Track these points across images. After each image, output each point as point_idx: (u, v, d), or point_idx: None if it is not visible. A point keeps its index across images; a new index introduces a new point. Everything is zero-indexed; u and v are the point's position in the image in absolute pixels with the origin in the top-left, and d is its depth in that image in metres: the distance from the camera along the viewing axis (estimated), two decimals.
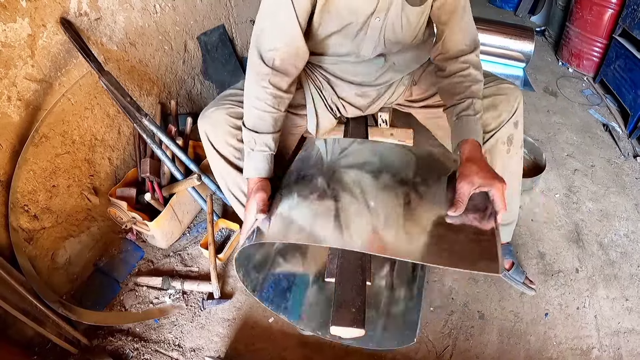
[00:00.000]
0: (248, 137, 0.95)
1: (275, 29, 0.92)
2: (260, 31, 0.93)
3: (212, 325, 1.25)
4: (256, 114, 0.94)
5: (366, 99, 1.19)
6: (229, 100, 1.04)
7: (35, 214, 1.18)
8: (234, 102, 1.03)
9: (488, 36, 2.46)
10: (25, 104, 1.12)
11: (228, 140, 1.01)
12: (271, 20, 0.92)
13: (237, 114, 1.01)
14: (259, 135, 0.94)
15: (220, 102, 1.04)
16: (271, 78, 0.92)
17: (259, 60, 0.93)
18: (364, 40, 1.00)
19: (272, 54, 0.92)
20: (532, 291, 1.35)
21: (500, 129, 1.05)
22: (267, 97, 0.93)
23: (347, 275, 0.74)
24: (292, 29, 0.91)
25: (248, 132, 0.95)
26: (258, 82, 0.93)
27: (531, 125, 2.14)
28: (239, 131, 1.00)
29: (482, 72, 1.01)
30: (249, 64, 0.96)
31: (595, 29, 2.42)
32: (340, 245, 0.70)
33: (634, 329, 1.28)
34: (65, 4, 1.17)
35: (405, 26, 0.98)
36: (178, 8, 1.59)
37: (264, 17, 0.93)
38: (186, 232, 1.52)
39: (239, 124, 1.00)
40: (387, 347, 1.01)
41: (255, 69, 0.94)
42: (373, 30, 0.98)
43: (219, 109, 1.02)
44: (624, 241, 1.56)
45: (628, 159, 1.95)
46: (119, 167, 1.47)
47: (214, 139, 1.02)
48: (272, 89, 0.93)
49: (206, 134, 1.02)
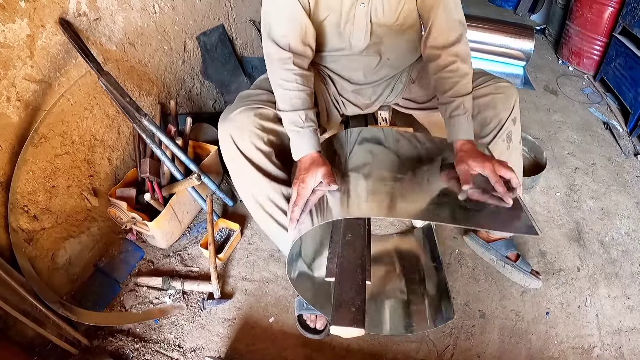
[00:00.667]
0: (292, 117, 0.94)
1: (282, 17, 0.96)
2: (268, 22, 0.97)
3: (213, 325, 1.25)
4: (292, 95, 0.95)
5: (364, 97, 1.20)
6: (252, 100, 1.00)
7: (35, 214, 1.18)
8: (258, 102, 0.99)
9: (488, 35, 2.46)
10: (24, 105, 1.12)
11: (256, 143, 0.96)
12: (276, 10, 0.96)
13: (264, 115, 0.98)
14: (303, 111, 0.94)
15: (244, 103, 0.99)
16: (294, 59, 0.96)
17: (276, 48, 0.96)
18: (353, 30, 1.03)
19: (286, 40, 0.96)
20: (539, 282, 1.35)
21: (501, 127, 1.08)
22: (295, 78, 0.95)
23: (346, 275, 0.74)
24: (296, 12, 0.96)
25: (290, 113, 0.94)
26: (282, 67, 0.96)
27: (531, 124, 2.13)
28: (265, 133, 0.97)
29: (470, 61, 1.01)
30: (267, 55, 0.99)
31: (595, 27, 2.41)
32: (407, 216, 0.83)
33: (635, 328, 1.28)
34: (64, 5, 1.17)
35: (386, 7, 1.00)
36: (177, 8, 1.59)
37: (269, 8, 0.97)
38: (186, 232, 1.52)
39: (267, 125, 0.98)
40: (429, 329, 1.13)
41: (275, 56, 0.97)
42: (359, 18, 1.01)
43: (246, 110, 0.96)
44: (625, 239, 1.55)
45: (629, 157, 1.94)
46: (118, 167, 1.47)
47: (241, 143, 0.95)
48: (298, 69, 0.96)
49: (232, 137, 0.95)
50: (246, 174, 0.98)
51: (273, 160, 1.00)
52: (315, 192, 0.89)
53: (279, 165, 1.02)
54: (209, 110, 1.89)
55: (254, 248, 1.48)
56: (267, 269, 1.41)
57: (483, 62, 2.55)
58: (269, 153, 0.98)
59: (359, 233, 0.83)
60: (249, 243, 1.49)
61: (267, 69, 1.02)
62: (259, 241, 1.49)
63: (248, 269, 1.41)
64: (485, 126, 1.09)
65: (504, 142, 1.10)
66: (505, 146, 1.10)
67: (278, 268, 1.41)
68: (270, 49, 0.98)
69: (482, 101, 1.07)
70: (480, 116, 1.08)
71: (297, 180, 0.90)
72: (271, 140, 0.99)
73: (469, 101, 0.97)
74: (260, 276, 1.39)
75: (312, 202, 0.89)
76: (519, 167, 1.19)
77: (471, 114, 0.97)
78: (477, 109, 1.07)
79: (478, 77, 1.10)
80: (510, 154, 1.12)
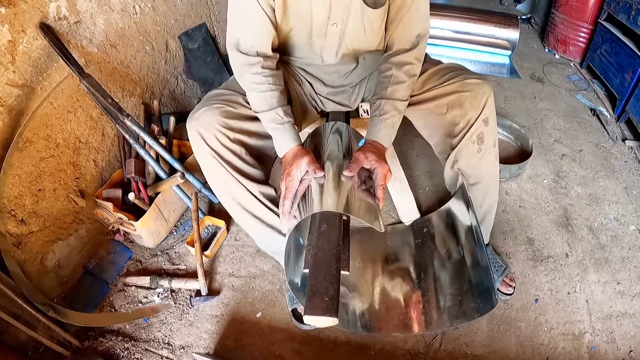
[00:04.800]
0: (270, 116, 0.95)
1: (249, 31, 0.96)
2: (234, 36, 0.97)
3: (201, 322, 1.26)
4: (267, 95, 0.95)
5: (344, 98, 1.20)
6: (218, 100, 1.01)
7: (22, 218, 1.19)
8: (224, 102, 0.99)
9: (473, 25, 2.47)
10: (7, 110, 1.13)
11: (223, 141, 0.96)
12: (242, 23, 0.96)
13: (230, 114, 0.98)
14: (280, 108, 0.95)
15: (209, 102, 1.00)
16: (263, 63, 0.96)
17: (243, 56, 0.96)
18: (325, 47, 1.03)
19: (254, 49, 0.96)
20: (506, 296, 1.30)
21: (469, 128, 1.04)
22: (266, 79, 0.95)
23: (320, 265, 0.74)
24: (264, 24, 0.95)
25: (268, 113, 0.95)
26: (251, 71, 0.96)
27: (518, 112, 2.14)
28: (231, 132, 0.97)
29: (411, 70, 1.01)
30: (234, 62, 0.99)
31: (580, 15, 2.42)
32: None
33: (626, 312, 1.28)
34: (44, 9, 1.17)
35: (368, 31, 1.00)
36: (158, 8, 1.59)
37: (234, 23, 0.97)
38: (173, 230, 1.52)
39: (232, 123, 0.98)
40: (475, 318, 1.05)
41: (243, 62, 0.97)
42: (331, 37, 1.01)
43: (210, 109, 0.97)
44: (614, 225, 1.55)
45: (617, 143, 1.95)
46: (104, 168, 1.47)
47: (209, 140, 0.96)
48: (268, 71, 0.96)
49: (200, 135, 0.95)
50: (218, 172, 0.98)
51: (244, 158, 1.00)
52: (302, 182, 0.90)
53: (252, 163, 1.02)
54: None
55: (240, 244, 1.48)
56: (254, 265, 1.42)
57: (469, 52, 2.56)
58: (237, 151, 0.98)
59: (334, 224, 0.83)
60: (235, 239, 1.50)
61: (235, 76, 1.01)
62: (245, 237, 1.50)
63: (235, 265, 1.41)
64: (455, 126, 1.05)
65: (474, 144, 1.05)
66: (475, 149, 1.05)
67: (264, 263, 1.42)
68: (237, 60, 0.98)
69: (448, 99, 1.04)
70: (449, 115, 1.05)
71: (284, 175, 0.91)
72: (239, 139, 0.99)
73: (388, 105, 0.98)
74: (246, 272, 1.39)
75: (300, 193, 0.90)
76: (493, 171, 1.13)
77: (392, 119, 0.98)
78: (445, 108, 1.05)
79: (447, 73, 1.07)
80: (482, 158, 1.07)
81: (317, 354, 1.18)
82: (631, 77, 1.95)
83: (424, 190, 1.68)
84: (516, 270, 1.39)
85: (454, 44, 2.56)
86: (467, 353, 1.18)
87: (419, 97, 1.11)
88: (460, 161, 1.09)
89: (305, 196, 0.90)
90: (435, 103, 1.07)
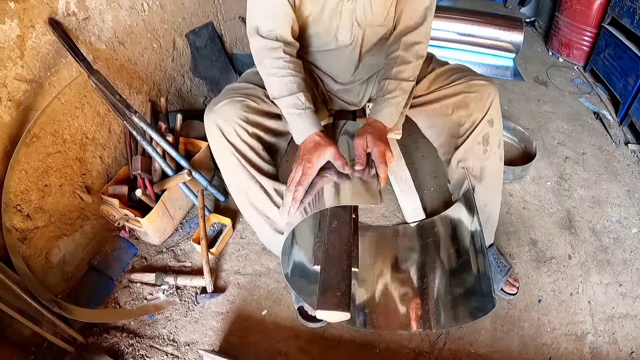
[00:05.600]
0: (291, 101, 0.93)
1: (269, 15, 0.95)
2: (255, 21, 0.97)
3: (206, 319, 1.26)
4: (287, 80, 0.94)
5: (352, 95, 1.20)
6: (238, 93, 1.00)
7: (28, 213, 1.19)
8: (244, 95, 0.99)
9: (478, 27, 2.48)
10: (15, 105, 1.13)
11: (242, 135, 0.95)
12: (263, 8, 0.96)
13: (250, 108, 0.97)
14: (302, 93, 0.93)
15: (230, 95, 0.99)
16: (284, 48, 0.96)
17: (265, 41, 0.96)
18: (339, 26, 1.02)
19: (273, 34, 0.96)
20: (510, 296, 1.31)
21: (474, 128, 1.04)
22: (287, 65, 0.95)
23: (332, 261, 0.75)
24: (284, 8, 0.95)
25: (289, 97, 0.93)
26: (272, 55, 0.95)
27: (521, 115, 2.15)
28: (250, 126, 0.96)
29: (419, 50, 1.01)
30: (254, 47, 0.98)
31: (584, 18, 2.43)
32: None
33: (628, 314, 1.29)
34: (53, 5, 1.17)
35: (374, 5, 1.00)
36: (166, 6, 1.60)
37: (255, 7, 0.97)
38: (179, 228, 1.53)
39: (252, 117, 0.97)
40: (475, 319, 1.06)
41: (264, 46, 0.96)
42: (346, 14, 1.00)
43: (231, 102, 0.95)
44: (617, 227, 1.56)
45: (619, 146, 1.96)
46: (110, 165, 1.48)
47: (228, 133, 0.95)
48: (289, 57, 0.96)
49: (219, 128, 0.94)
50: (234, 166, 0.97)
51: (260, 154, 0.99)
52: (324, 177, 0.89)
53: (267, 159, 1.01)
54: (199, 107, 1.90)
55: (245, 242, 1.49)
56: (259, 262, 1.42)
57: (473, 55, 2.57)
58: (255, 146, 0.98)
59: (344, 220, 0.84)
60: (241, 237, 1.50)
61: (255, 62, 1.00)
62: (250, 235, 1.50)
63: (240, 263, 1.42)
64: (461, 126, 1.06)
65: (480, 145, 1.06)
66: (481, 149, 1.06)
67: (270, 261, 1.42)
68: (258, 44, 0.97)
69: (454, 100, 1.05)
70: (455, 115, 1.06)
71: (302, 160, 0.88)
72: (257, 134, 0.99)
73: (393, 84, 0.98)
74: (252, 269, 1.40)
75: (319, 186, 0.88)
76: (498, 174, 1.14)
77: (396, 99, 0.98)
78: (450, 108, 1.06)
79: (453, 74, 1.08)
80: (487, 159, 1.08)
81: (322, 352, 1.18)
82: (634, 80, 1.96)
83: (428, 190, 1.69)
84: (519, 271, 1.39)
85: (458, 46, 2.57)
86: (471, 352, 1.19)
87: (425, 97, 1.12)
88: (466, 161, 1.10)
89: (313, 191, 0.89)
90: (441, 104, 1.08)
